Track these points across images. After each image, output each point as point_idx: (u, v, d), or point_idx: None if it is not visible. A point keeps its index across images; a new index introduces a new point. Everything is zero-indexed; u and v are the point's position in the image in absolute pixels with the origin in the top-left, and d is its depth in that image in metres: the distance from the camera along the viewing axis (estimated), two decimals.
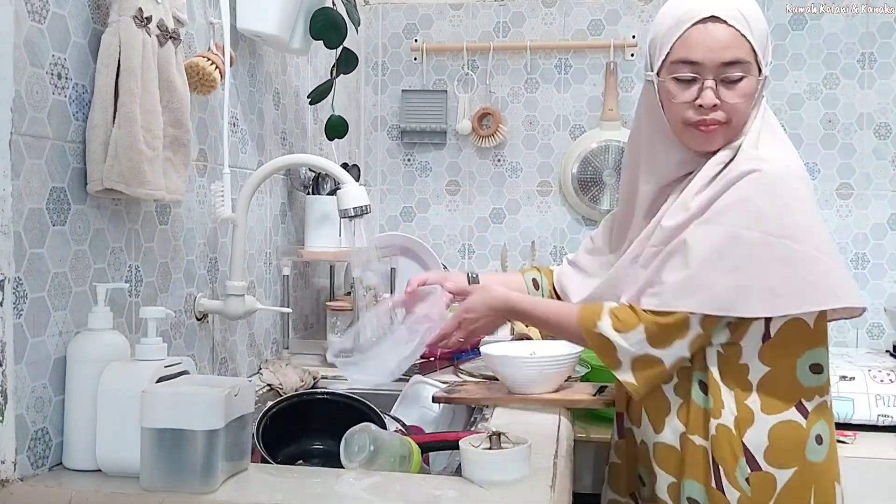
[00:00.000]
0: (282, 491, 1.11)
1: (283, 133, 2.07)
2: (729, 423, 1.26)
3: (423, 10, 2.80)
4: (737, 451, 1.26)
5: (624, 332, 1.28)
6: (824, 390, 1.32)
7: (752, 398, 1.27)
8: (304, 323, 2.25)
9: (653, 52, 1.31)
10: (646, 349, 1.27)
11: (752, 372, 1.27)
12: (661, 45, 1.29)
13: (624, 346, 1.28)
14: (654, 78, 1.30)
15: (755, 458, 1.26)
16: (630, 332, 1.28)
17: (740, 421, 1.26)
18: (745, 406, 1.27)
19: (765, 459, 1.26)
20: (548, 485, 1.13)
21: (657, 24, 1.31)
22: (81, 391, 1.13)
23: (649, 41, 1.33)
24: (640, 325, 1.27)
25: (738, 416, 1.26)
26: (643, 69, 1.38)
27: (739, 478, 1.25)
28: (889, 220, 2.61)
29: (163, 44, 1.26)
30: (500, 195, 2.80)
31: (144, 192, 1.21)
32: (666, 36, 1.28)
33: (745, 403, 1.27)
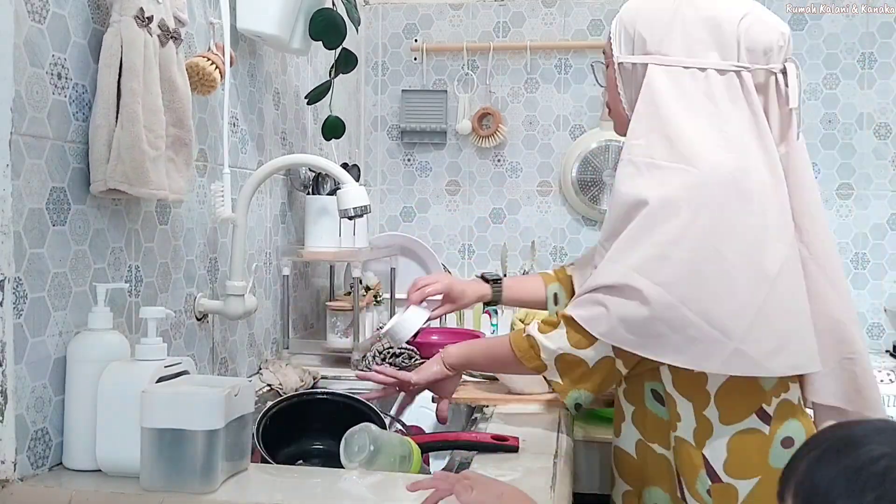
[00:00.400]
0: (282, 491, 1.11)
1: (283, 133, 2.07)
2: (687, 435, 1.24)
3: (423, 10, 2.80)
4: (696, 463, 1.23)
5: (546, 333, 1.29)
6: (782, 388, 1.25)
7: (710, 409, 1.23)
8: (304, 323, 2.25)
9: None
10: (566, 348, 1.26)
11: (710, 382, 1.23)
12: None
13: (545, 345, 1.27)
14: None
15: (715, 470, 1.22)
16: (552, 331, 1.28)
17: (699, 433, 1.23)
18: (703, 417, 1.23)
19: (725, 471, 1.22)
20: (548, 485, 1.13)
21: None
22: (81, 391, 1.13)
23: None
24: (561, 324, 1.27)
25: (697, 427, 1.23)
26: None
27: (700, 490, 1.23)
28: (889, 220, 2.61)
29: (164, 44, 1.26)
30: (500, 195, 2.80)
31: (148, 192, 1.22)
32: None
33: (703, 414, 1.23)
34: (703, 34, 1.25)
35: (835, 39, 2.61)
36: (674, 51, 1.26)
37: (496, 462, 1.24)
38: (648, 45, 1.28)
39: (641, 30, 1.29)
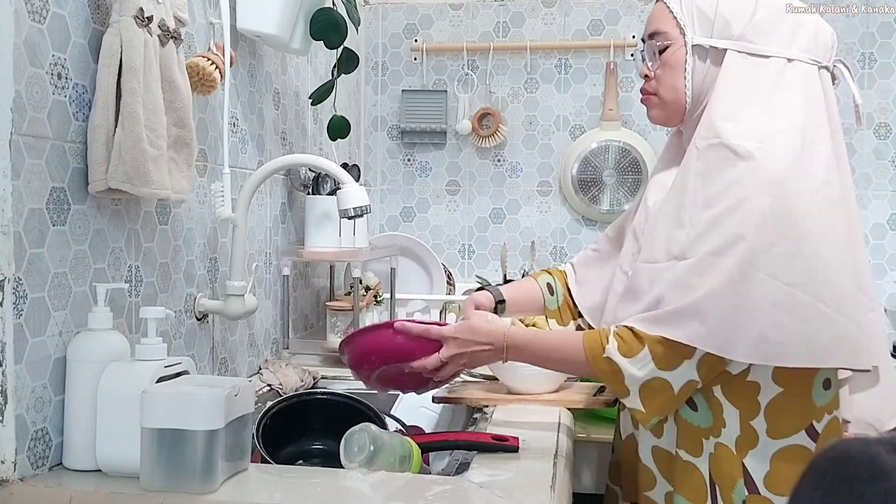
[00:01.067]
0: (282, 491, 1.11)
1: (283, 133, 2.07)
2: (729, 442, 1.21)
3: (423, 10, 2.80)
4: (735, 472, 1.21)
5: (630, 358, 1.20)
6: (834, 405, 1.25)
7: (758, 420, 1.20)
8: (304, 323, 2.25)
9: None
10: (654, 372, 1.19)
11: (762, 392, 1.20)
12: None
13: (631, 372, 1.19)
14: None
15: (755, 481, 1.20)
16: (636, 355, 1.19)
17: (742, 441, 1.21)
18: (750, 427, 1.21)
19: (764, 485, 1.20)
20: (548, 485, 1.13)
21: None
22: (81, 391, 1.13)
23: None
24: (644, 348, 1.19)
25: (741, 436, 1.21)
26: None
27: (736, 499, 1.21)
28: (889, 220, 2.61)
29: (164, 43, 1.26)
30: (500, 195, 2.80)
31: (149, 192, 1.21)
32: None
33: (750, 424, 1.20)
34: (786, 25, 1.24)
35: None
36: (761, 38, 1.23)
37: (496, 462, 1.24)
38: (733, 28, 1.24)
39: (725, 12, 1.24)
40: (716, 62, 1.25)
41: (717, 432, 1.22)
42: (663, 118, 1.34)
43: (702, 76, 1.27)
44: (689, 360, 1.19)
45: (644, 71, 1.33)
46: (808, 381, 1.21)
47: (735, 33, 1.24)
